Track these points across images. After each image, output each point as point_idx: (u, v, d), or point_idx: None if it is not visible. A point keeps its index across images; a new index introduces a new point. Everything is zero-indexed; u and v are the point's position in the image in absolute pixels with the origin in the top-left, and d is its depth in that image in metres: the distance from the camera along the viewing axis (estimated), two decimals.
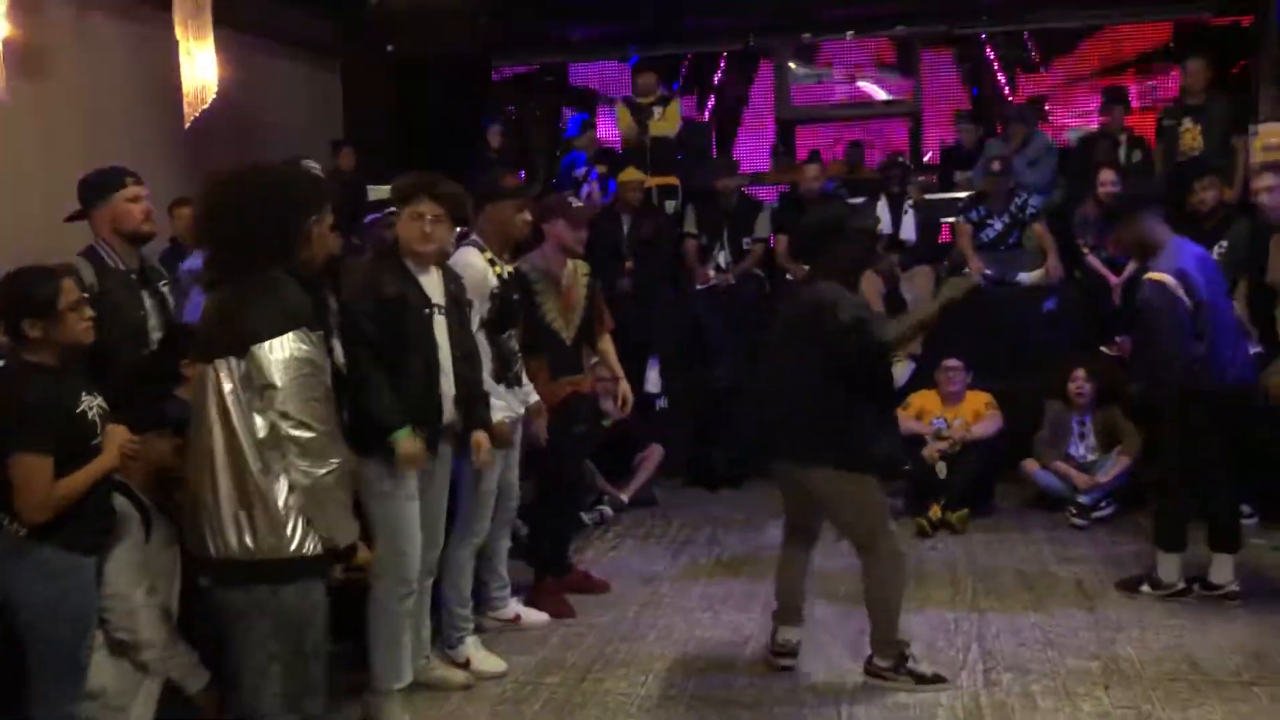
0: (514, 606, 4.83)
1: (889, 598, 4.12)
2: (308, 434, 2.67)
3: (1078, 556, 5.62)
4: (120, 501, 3.34)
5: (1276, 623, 4.58)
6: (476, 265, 4.35)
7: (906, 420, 6.59)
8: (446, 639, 4.37)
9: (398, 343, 3.68)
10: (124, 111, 6.75)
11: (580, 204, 5.12)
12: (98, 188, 3.89)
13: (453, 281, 3.97)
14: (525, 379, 4.57)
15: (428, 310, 3.78)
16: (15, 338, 3.06)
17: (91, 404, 3.10)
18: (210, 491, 2.71)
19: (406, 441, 3.61)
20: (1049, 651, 4.41)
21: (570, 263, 4.99)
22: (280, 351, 2.65)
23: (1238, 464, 4.96)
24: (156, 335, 3.80)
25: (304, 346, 2.69)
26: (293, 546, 2.72)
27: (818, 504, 4.16)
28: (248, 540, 2.70)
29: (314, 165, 3.50)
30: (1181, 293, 4.56)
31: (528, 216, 4.59)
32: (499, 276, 4.41)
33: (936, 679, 4.10)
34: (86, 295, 3.22)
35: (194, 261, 4.46)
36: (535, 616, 4.85)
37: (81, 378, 3.16)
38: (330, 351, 3.06)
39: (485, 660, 4.35)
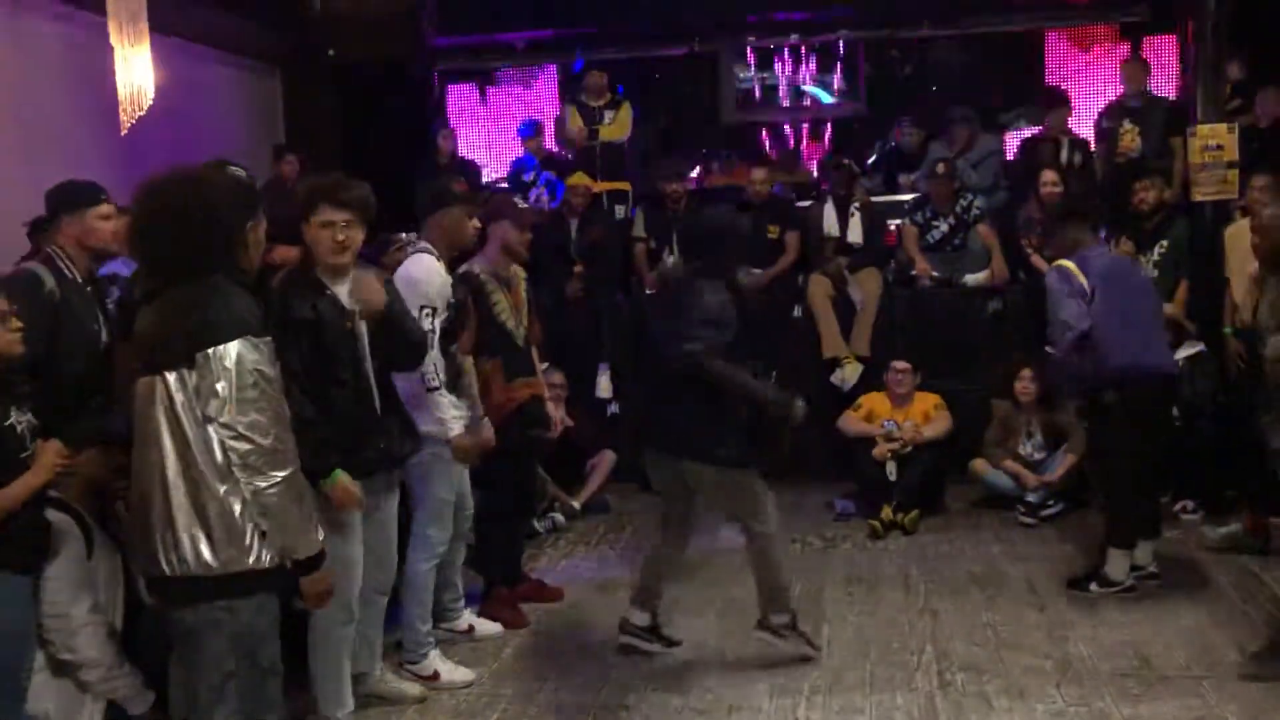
0: (467, 617, 4.79)
1: (772, 558, 4.41)
2: (247, 445, 2.59)
3: (1027, 555, 5.67)
4: (60, 517, 3.24)
5: (1223, 617, 4.65)
6: (437, 272, 4.28)
7: (856, 422, 6.64)
8: (410, 654, 4.31)
9: (320, 367, 3.53)
10: (60, 116, 6.60)
11: (525, 205, 5.08)
12: (72, 199, 3.83)
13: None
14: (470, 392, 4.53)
15: (349, 324, 3.63)
16: None
17: (20, 419, 3.01)
18: (162, 507, 2.62)
19: (338, 488, 3.50)
20: (1002, 651, 4.44)
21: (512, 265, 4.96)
22: (228, 359, 2.58)
23: (1162, 454, 5.16)
24: (105, 345, 3.73)
25: (253, 355, 2.61)
26: (250, 560, 2.64)
27: (695, 494, 4.41)
28: (205, 555, 2.61)
29: (239, 170, 3.38)
30: (1081, 278, 4.85)
31: (476, 224, 4.54)
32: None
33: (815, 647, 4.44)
34: (14, 308, 3.14)
35: (113, 266, 4.36)
36: (489, 627, 4.80)
37: (9, 393, 3.07)
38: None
39: (453, 671, 4.31)
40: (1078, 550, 5.67)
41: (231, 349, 2.58)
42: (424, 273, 4.20)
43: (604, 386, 7.46)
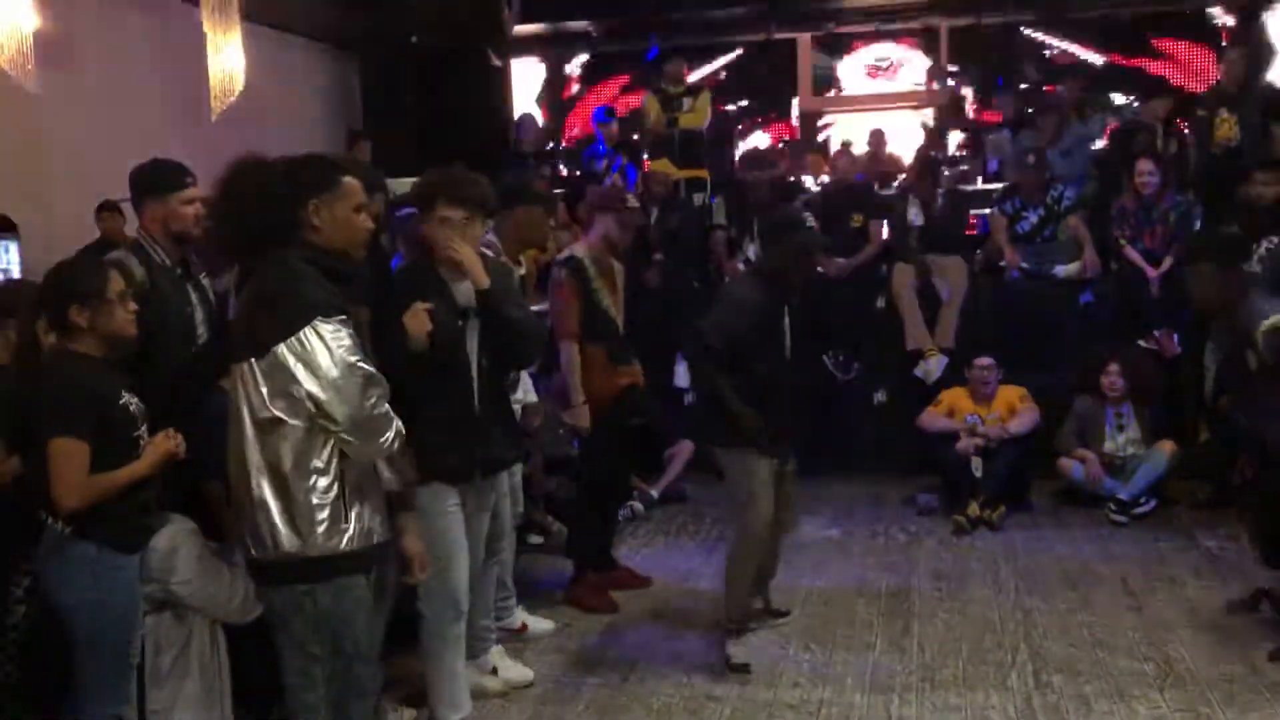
0: (520, 615, 4.69)
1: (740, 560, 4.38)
2: (341, 423, 2.61)
3: (1120, 554, 5.53)
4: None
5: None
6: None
7: (937, 418, 6.51)
8: (471, 651, 4.17)
9: (431, 364, 3.44)
10: (150, 103, 6.71)
11: (634, 204, 5.03)
12: (155, 183, 3.73)
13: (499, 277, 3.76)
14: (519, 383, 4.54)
15: (461, 323, 3.56)
16: (60, 327, 3.00)
17: (131, 400, 3.05)
18: (247, 492, 2.66)
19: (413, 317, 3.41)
20: (1099, 652, 4.32)
21: None
22: (304, 345, 2.58)
23: None
24: (203, 330, 3.71)
25: (326, 335, 2.59)
26: (326, 543, 2.65)
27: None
28: (283, 539, 2.64)
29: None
30: None
31: (552, 223, 4.49)
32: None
33: (741, 669, 4.22)
34: (131, 289, 3.15)
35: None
36: (541, 626, 4.70)
37: (123, 373, 3.11)
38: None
39: (511, 669, 4.23)
40: (1172, 549, 5.52)
41: (303, 337, 2.57)
42: None
43: (682, 375, 7.41)
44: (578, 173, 9.05)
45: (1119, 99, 9.22)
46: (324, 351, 2.57)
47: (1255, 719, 3.73)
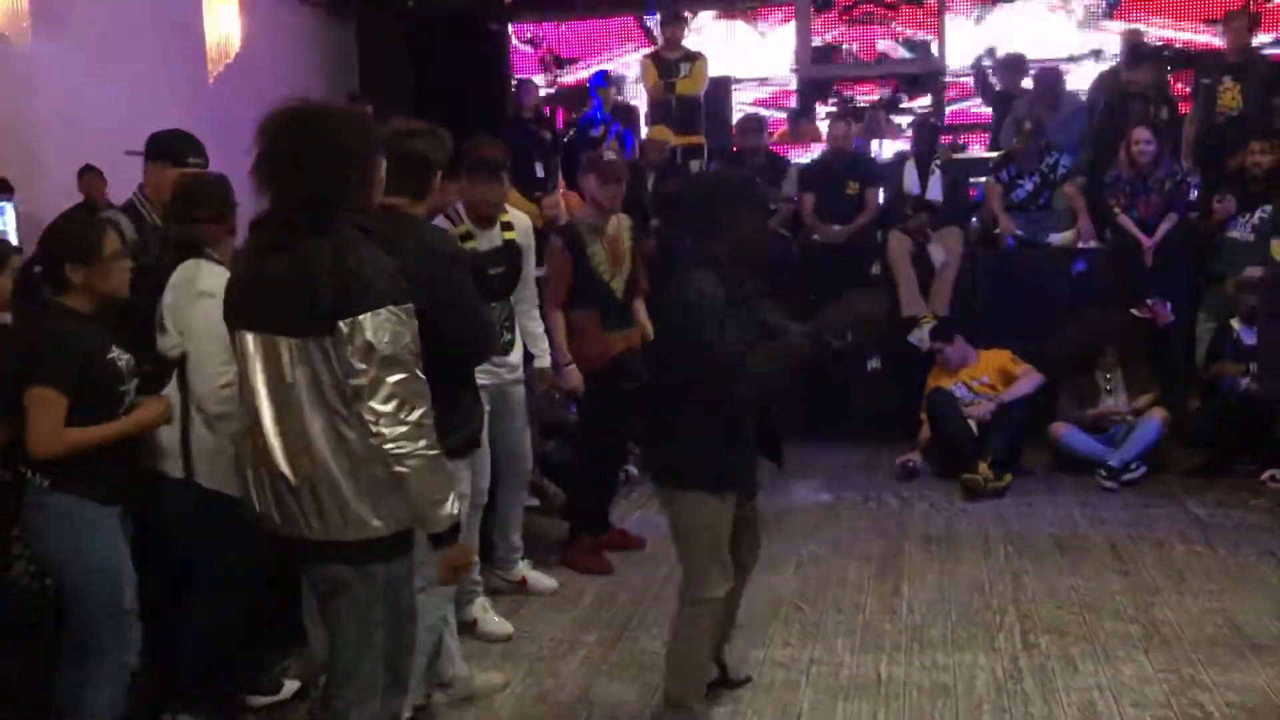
0: (522, 569, 4.76)
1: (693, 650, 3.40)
2: (387, 420, 2.44)
3: (1109, 519, 5.59)
4: None
5: None
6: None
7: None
8: (456, 602, 4.17)
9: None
10: (146, 64, 6.68)
11: (613, 158, 5.05)
12: (164, 150, 3.80)
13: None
14: (514, 351, 4.40)
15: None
16: (56, 283, 3.03)
17: (121, 355, 3.08)
18: (308, 471, 2.52)
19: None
20: (1086, 615, 4.38)
21: (615, 216, 4.95)
22: (369, 331, 2.42)
23: None
24: None
25: (394, 326, 2.45)
26: (399, 521, 2.58)
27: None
28: (359, 517, 2.53)
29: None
30: None
31: (506, 188, 4.33)
32: (474, 249, 4.16)
33: None
34: (125, 249, 3.18)
35: None
36: (544, 583, 4.75)
37: (113, 329, 3.14)
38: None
39: (490, 623, 4.27)
40: (1161, 515, 5.58)
41: (369, 319, 2.41)
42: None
43: None
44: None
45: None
46: (386, 341, 2.43)
47: (1237, 678, 3.79)
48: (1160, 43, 8.93)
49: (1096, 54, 9.30)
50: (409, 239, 2.95)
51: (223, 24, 5.97)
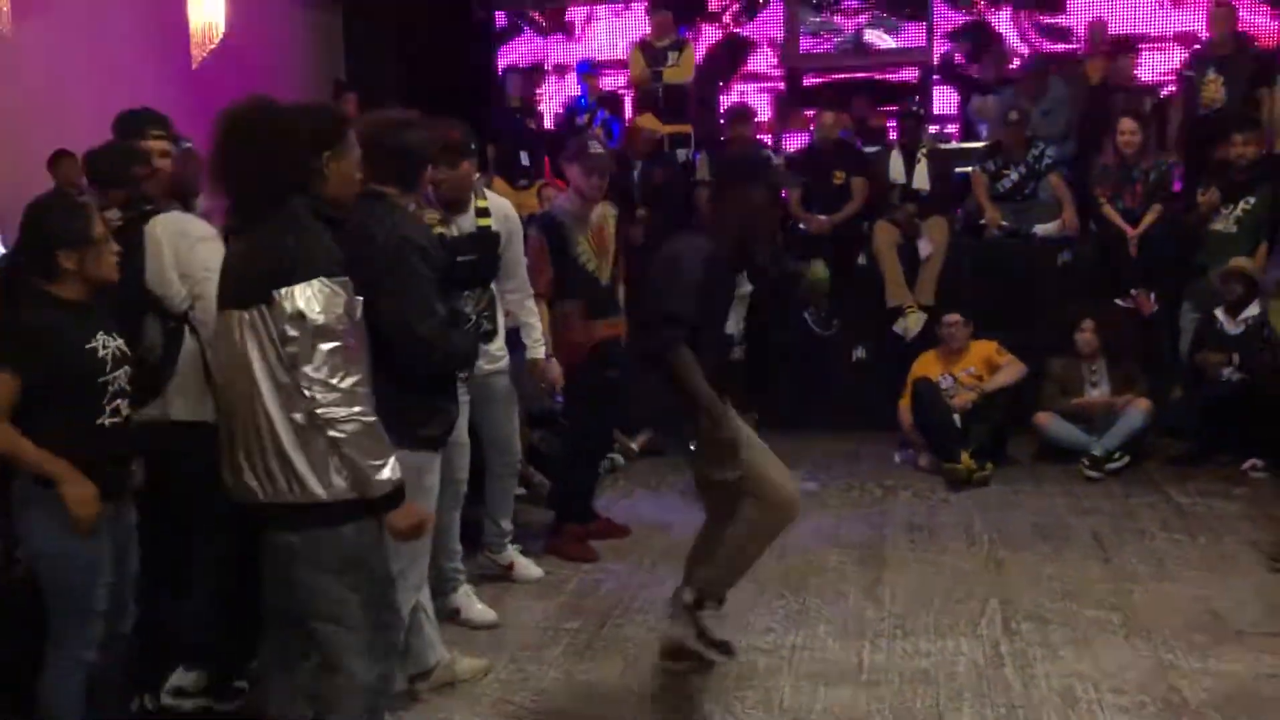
0: (512, 554, 4.77)
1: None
2: (319, 387, 2.56)
3: (1092, 508, 5.62)
4: None
5: None
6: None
7: (908, 412, 6.55)
8: (440, 590, 4.21)
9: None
10: (130, 50, 6.64)
11: (599, 150, 5.02)
12: (117, 128, 3.82)
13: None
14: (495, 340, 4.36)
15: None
16: (45, 272, 2.94)
17: (109, 343, 3.02)
18: (260, 437, 2.63)
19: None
20: (1067, 602, 4.40)
21: (599, 204, 4.94)
22: (299, 300, 2.55)
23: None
24: None
25: (324, 297, 2.57)
26: (350, 489, 2.64)
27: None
28: (308, 486, 2.61)
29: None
30: None
31: (471, 173, 4.28)
32: (441, 235, 4.04)
33: (723, 648, 3.65)
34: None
35: None
36: (530, 571, 4.75)
37: (105, 317, 3.07)
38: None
39: (474, 610, 4.29)
40: (1143, 504, 5.61)
41: (301, 290, 2.55)
42: None
43: None
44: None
45: None
46: (316, 311, 2.55)
47: (1215, 665, 3.82)
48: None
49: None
50: (383, 227, 2.98)
51: (207, 9, 5.94)
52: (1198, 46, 7.79)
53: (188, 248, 3.47)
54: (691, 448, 3.59)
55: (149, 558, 3.27)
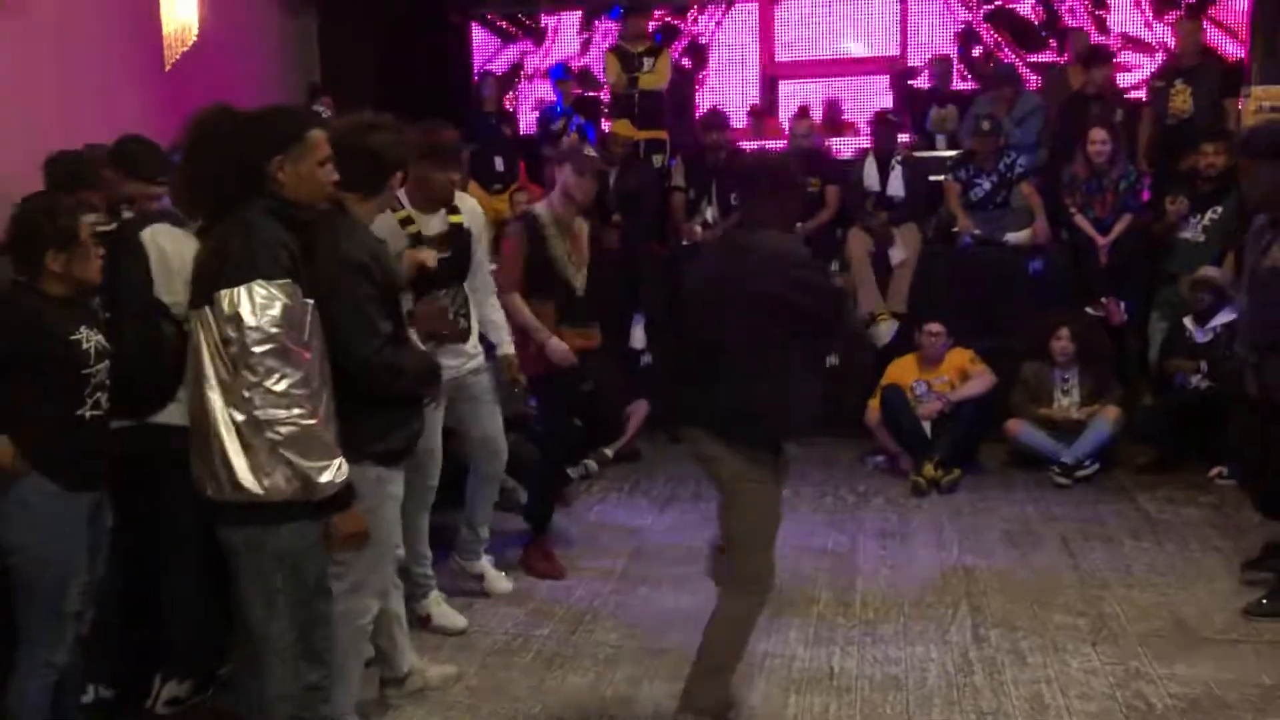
0: (484, 564, 4.72)
1: (734, 637, 3.40)
2: (258, 388, 2.63)
3: (1061, 515, 5.66)
4: None
5: (1260, 580, 4.62)
6: (383, 225, 3.76)
7: (877, 410, 6.58)
8: (411, 596, 4.14)
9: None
10: (102, 50, 6.57)
11: (591, 153, 5.01)
12: (129, 160, 3.80)
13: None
14: (470, 338, 4.30)
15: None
16: (31, 273, 2.99)
17: (91, 337, 3.05)
18: (208, 435, 2.70)
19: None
20: (1036, 609, 4.44)
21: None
22: (235, 302, 2.61)
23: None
24: None
25: (260, 299, 2.61)
26: (287, 490, 2.69)
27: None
28: (243, 485, 2.67)
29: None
30: None
31: (453, 176, 4.22)
32: (413, 235, 4.07)
33: None
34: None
35: None
36: (500, 585, 4.69)
37: (88, 313, 3.13)
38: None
39: (444, 616, 4.28)
40: (1113, 511, 5.66)
41: (239, 293, 2.61)
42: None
43: (638, 337, 7.45)
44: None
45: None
46: (250, 313, 2.61)
47: (1180, 671, 3.86)
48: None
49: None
50: (322, 247, 2.93)
51: (180, 11, 5.90)
52: (1166, 57, 7.87)
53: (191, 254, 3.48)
54: None
55: (145, 558, 3.35)
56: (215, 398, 2.68)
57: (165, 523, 3.46)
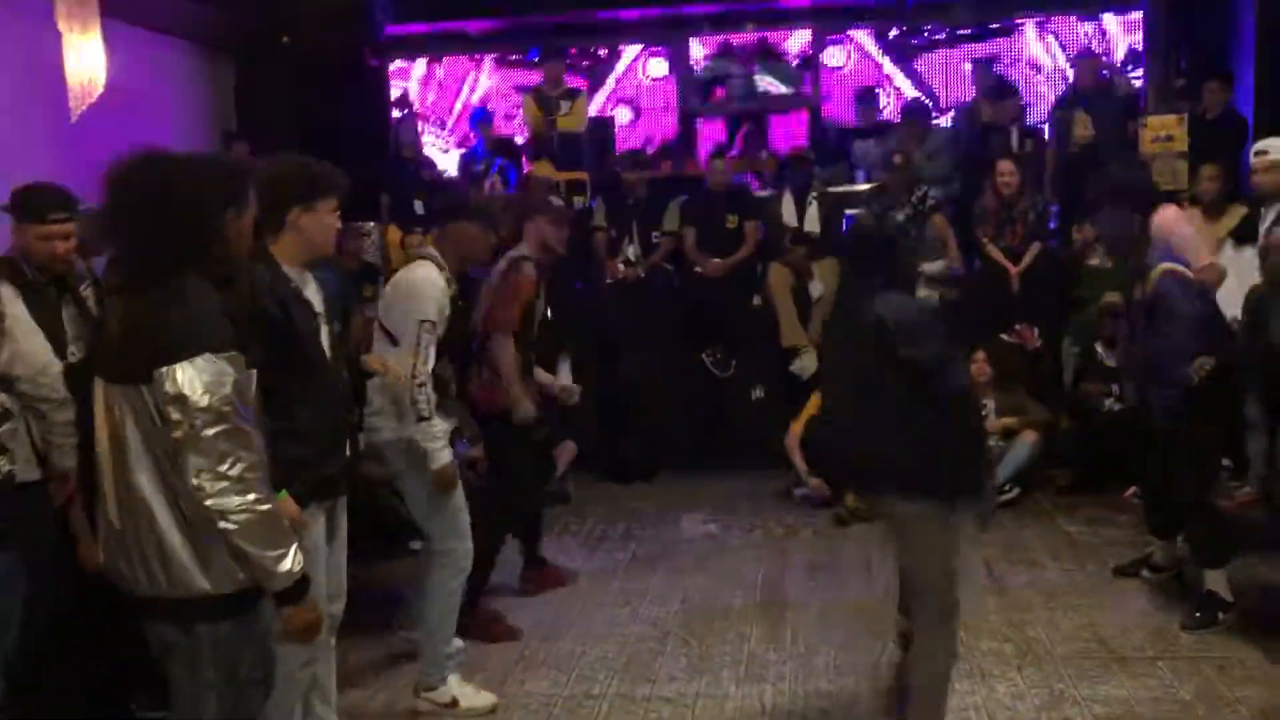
0: (453, 685, 4.13)
1: (934, 682, 3.51)
2: (206, 472, 2.36)
3: (985, 540, 5.69)
4: None
5: (1176, 600, 4.74)
6: (434, 283, 3.94)
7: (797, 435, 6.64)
8: (426, 679, 3.99)
9: (297, 366, 3.06)
10: (6, 101, 6.44)
11: (560, 202, 4.96)
12: (16, 208, 3.65)
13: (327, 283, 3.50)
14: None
15: (315, 322, 3.18)
16: None
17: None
18: (134, 527, 2.45)
19: (285, 504, 2.83)
20: (963, 634, 4.44)
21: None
22: (180, 379, 2.34)
23: None
24: (74, 349, 3.58)
25: (209, 375, 2.36)
26: (235, 579, 2.47)
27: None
28: (187, 578, 2.44)
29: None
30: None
31: (492, 238, 4.26)
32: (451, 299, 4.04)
33: None
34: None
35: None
36: (481, 700, 4.07)
37: None
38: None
39: (468, 696, 3.99)
40: (1033, 535, 5.76)
41: (183, 369, 2.35)
42: (424, 284, 3.92)
43: (564, 376, 7.42)
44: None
45: None
46: (200, 393, 2.35)
47: (1103, 691, 3.94)
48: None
49: None
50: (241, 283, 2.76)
51: (85, 60, 5.78)
52: (1064, 88, 8.13)
53: None
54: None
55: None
56: (147, 483, 2.41)
57: None
